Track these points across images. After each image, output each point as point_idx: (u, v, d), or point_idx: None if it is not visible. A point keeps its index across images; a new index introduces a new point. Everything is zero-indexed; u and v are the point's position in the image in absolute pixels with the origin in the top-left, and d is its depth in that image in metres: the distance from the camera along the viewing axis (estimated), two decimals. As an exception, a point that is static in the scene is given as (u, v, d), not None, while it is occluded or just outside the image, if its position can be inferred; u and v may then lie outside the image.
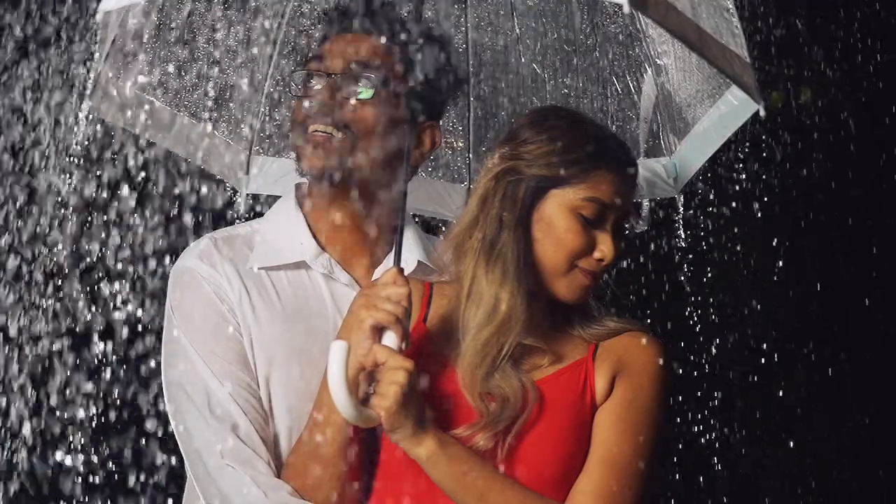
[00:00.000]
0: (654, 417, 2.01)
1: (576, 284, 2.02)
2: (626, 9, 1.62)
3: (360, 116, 2.15)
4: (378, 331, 1.93)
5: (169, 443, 2.21)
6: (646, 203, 2.48)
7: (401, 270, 1.97)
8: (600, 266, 2.02)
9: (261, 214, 2.34)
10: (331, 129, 2.15)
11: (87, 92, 2.19)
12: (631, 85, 2.48)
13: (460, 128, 2.62)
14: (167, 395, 2.15)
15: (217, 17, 2.36)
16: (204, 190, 2.39)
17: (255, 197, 2.65)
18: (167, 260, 2.28)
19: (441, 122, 2.33)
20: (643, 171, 2.52)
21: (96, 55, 2.17)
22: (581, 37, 2.47)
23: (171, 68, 2.34)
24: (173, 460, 2.31)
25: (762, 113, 2.10)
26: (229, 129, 2.55)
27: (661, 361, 2.03)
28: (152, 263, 2.47)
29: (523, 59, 2.52)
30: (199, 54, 2.38)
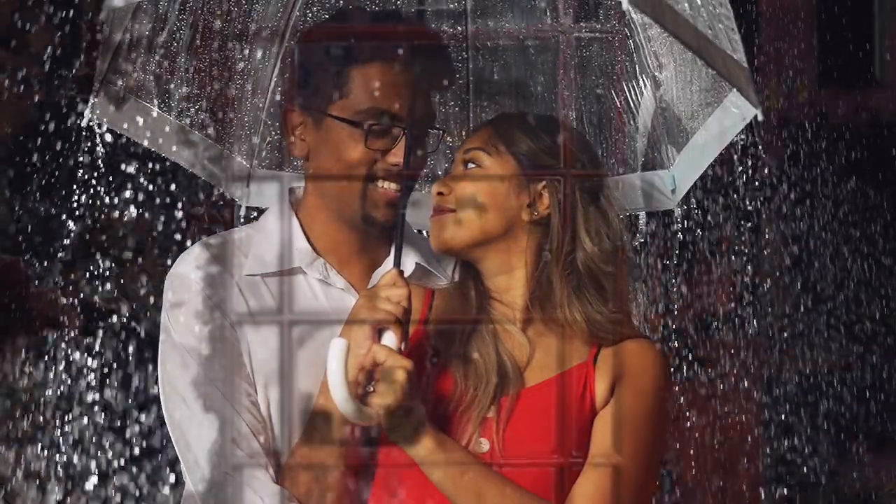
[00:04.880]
0: (654, 424, 2.02)
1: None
2: (625, 4, 1.65)
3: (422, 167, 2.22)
4: (378, 331, 1.93)
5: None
6: (642, 216, 2.49)
7: (401, 272, 1.98)
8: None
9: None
10: (399, 184, 2.12)
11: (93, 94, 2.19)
12: (629, 97, 2.50)
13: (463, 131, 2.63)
14: (163, 401, 2.14)
15: (221, 28, 2.38)
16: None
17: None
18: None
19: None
20: (641, 184, 2.53)
21: (99, 57, 2.18)
22: (580, 49, 2.49)
23: (172, 76, 2.35)
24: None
25: (760, 117, 2.11)
26: (230, 141, 2.55)
27: (662, 369, 2.04)
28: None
29: (522, 72, 2.54)
30: (203, 64, 2.39)
